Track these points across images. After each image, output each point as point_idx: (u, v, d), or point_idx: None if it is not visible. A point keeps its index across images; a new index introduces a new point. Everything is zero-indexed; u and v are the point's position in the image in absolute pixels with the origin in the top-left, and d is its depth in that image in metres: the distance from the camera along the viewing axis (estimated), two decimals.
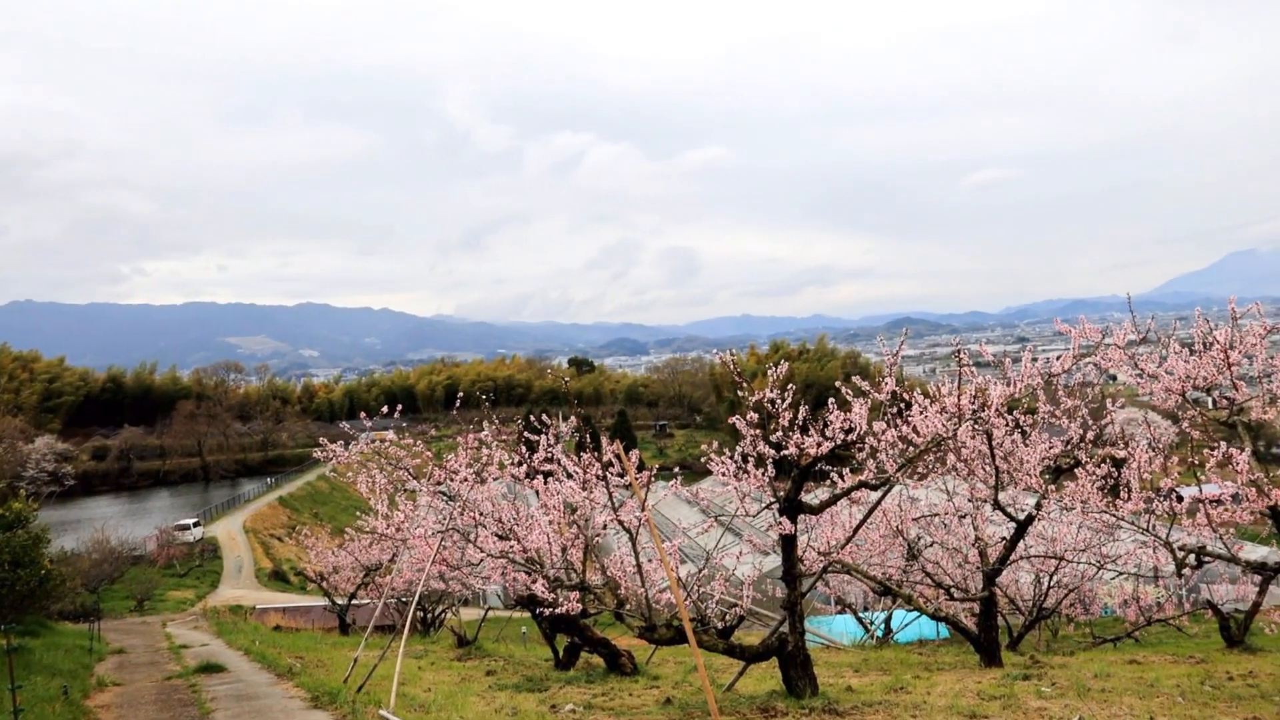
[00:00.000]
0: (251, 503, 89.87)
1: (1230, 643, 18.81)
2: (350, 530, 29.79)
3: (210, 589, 54.26)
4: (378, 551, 27.60)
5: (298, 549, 61.00)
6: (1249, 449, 10.86)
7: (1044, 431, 14.16)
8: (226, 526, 74.79)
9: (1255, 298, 12.81)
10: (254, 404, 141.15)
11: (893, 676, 12.99)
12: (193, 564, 60.57)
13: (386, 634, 20.50)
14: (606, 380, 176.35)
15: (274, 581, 58.65)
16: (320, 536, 40.24)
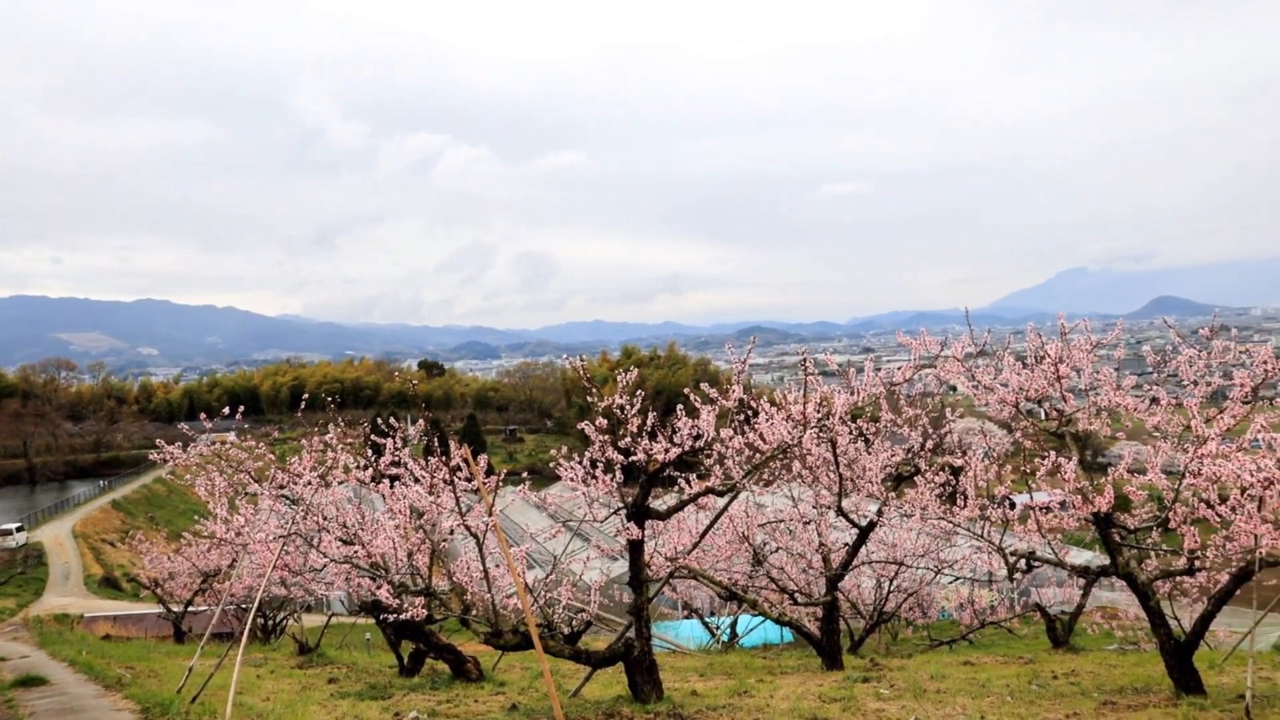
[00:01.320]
0: (82, 506, 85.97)
1: (1056, 643, 19.60)
2: (188, 535, 28.84)
3: (34, 597, 51.68)
4: (216, 557, 26.80)
5: (131, 554, 58.73)
6: (1076, 458, 11.31)
7: (886, 440, 14.52)
8: (54, 531, 71.43)
9: (1084, 314, 13.35)
10: (87, 403, 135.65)
11: (737, 680, 13.15)
12: (14, 571, 57.55)
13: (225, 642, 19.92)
14: (457, 384, 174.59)
15: (105, 589, 56.28)
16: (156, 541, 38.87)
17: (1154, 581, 11.23)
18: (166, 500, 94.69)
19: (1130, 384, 11.89)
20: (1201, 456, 10.03)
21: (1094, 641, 23.47)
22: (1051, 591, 26.94)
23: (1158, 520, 11.18)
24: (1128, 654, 18.67)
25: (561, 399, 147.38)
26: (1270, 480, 9.22)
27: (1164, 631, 10.84)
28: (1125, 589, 11.96)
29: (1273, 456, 9.27)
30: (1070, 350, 11.82)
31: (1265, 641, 23.23)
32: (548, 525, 13.24)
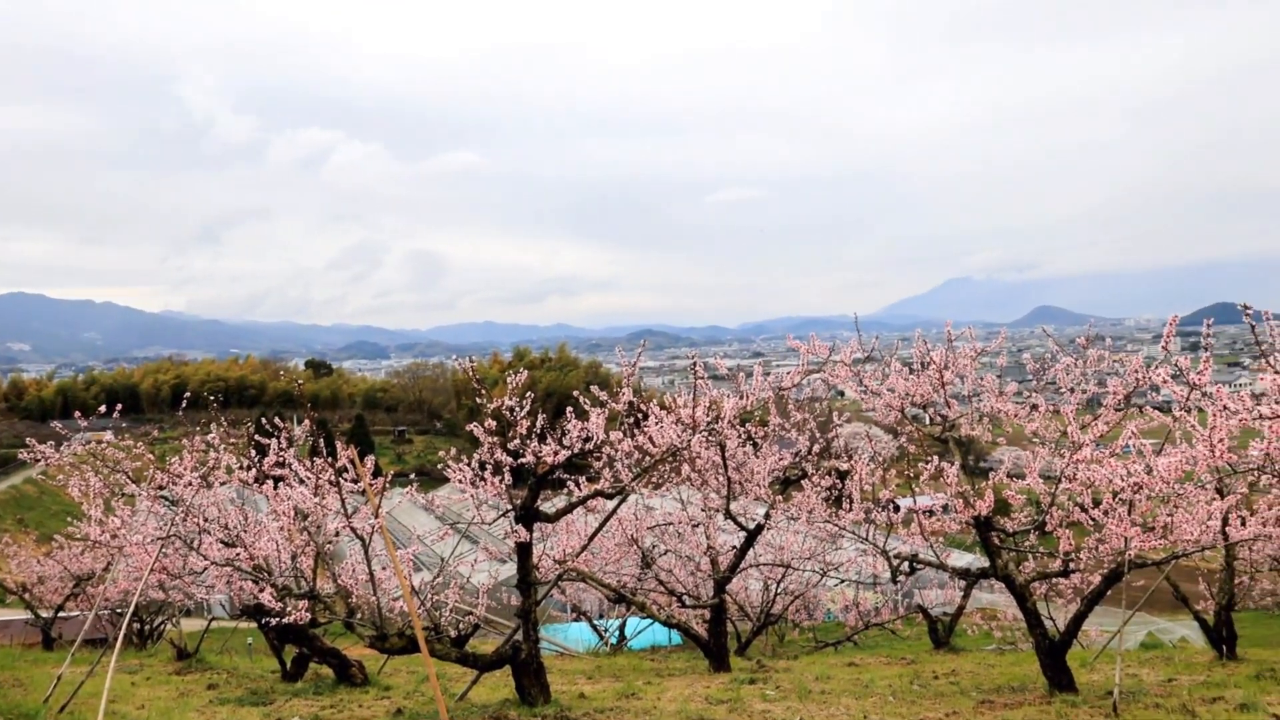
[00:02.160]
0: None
1: (938, 644, 20.02)
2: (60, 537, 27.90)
3: None
4: (90, 560, 25.94)
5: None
6: (958, 463, 11.56)
7: (774, 443, 14.67)
8: None
9: (969, 321, 13.69)
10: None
11: (625, 683, 13.17)
12: None
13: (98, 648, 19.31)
14: (345, 384, 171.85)
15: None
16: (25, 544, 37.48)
17: (1031, 583, 11.53)
18: (37, 501, 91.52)
19: (1011, 390, 12.20)
20: (1077, 462, 10.33)
21: (974, 642, 24.05)
22: (934, 593, 27.50)
23: (1035, 523, 11.48)
24: (1006, 654, 19.16)
25: (452, 400, 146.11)
26: (1140, 485, 9.53)
27: (1040, 632, 11.14)
28: (1004, 591, 12.25)
29: (1142, 462, 9.59)
30: (955, 357, 12.09)
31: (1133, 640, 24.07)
32: (436, 527, 13.12)
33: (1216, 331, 8.84)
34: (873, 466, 13.06)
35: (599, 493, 11.78)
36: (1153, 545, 10.29)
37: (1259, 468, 8.40)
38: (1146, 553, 10.40)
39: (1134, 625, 24.41)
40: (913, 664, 15.87)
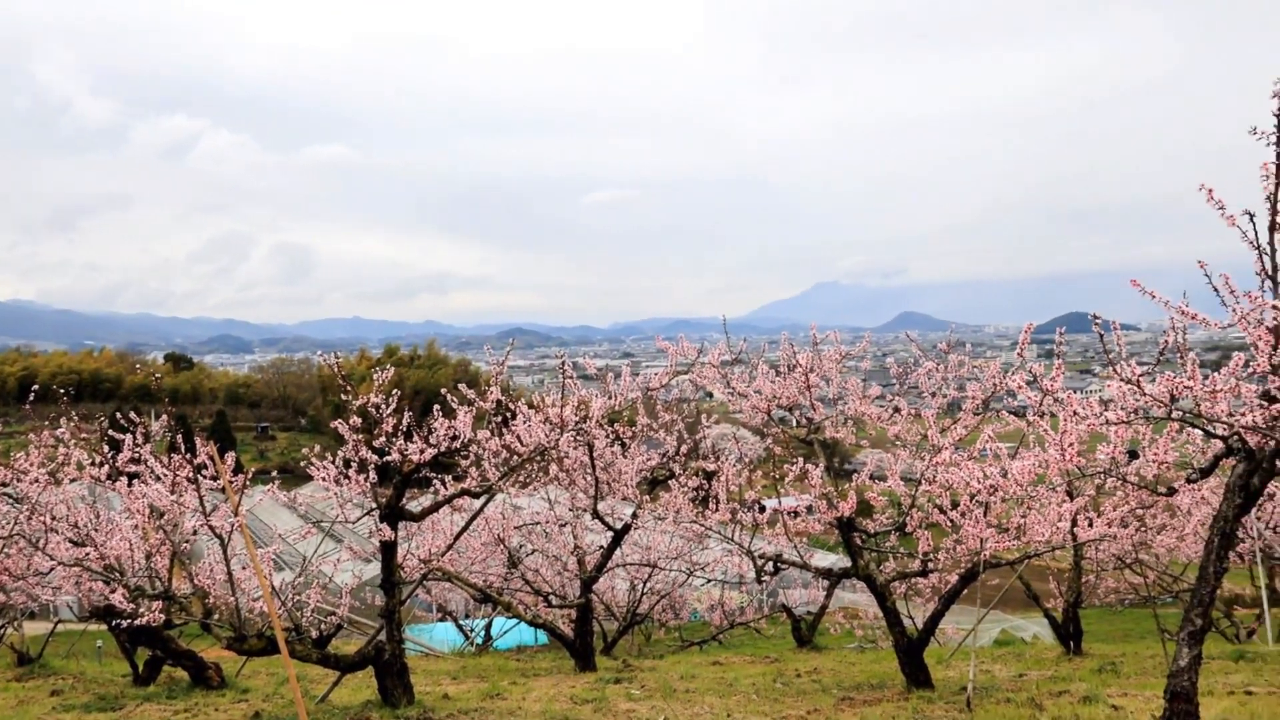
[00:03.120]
0: None
1: (801, 642, 20.34)
2: None
3: None
4: None
5: None
6: (823, 464, 11.75)
7: (642, 444, 14.73)
8: None
9: (836, 326, 13.93)
10: None
11: (490, 683, 13.07)
12: None
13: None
14: (206, 378, 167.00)
15: None
16: None
17: (891, 583, 11.77)
18: None
19: (875, 394, 12.45)
20: (936, 464, 10.59)
21: (836, 640, 24.49)
22: (797, 593, 27.94)
23: (896, 525, 11.73)
24: (866, 652, 19.56)
25: (317, 397, 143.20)
26: (995, 487, 9.80)
27: (899, 630, 11.38)
28: (865, 590, 12.49)
29: (998, 465, 9.87)
30: (821, 360, 12.28)
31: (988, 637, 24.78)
32: (298, 526, 12.82)
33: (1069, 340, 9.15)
34: (739, 467, 13.20)
35: (465, 491, 11.66)
36: (1007, 545, 10.61)
37: (1105, 471, 8.71)
38: (1001, 553, 10.71)
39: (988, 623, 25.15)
40: (776, 662, 16.07)
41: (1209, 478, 8.34)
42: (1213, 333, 7.04)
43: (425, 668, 15.84)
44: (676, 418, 14.61)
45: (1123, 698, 10.26)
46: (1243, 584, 26.80)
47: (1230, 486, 7.01)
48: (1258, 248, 6.28)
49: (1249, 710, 9.24)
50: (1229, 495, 6.99)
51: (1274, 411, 6.58)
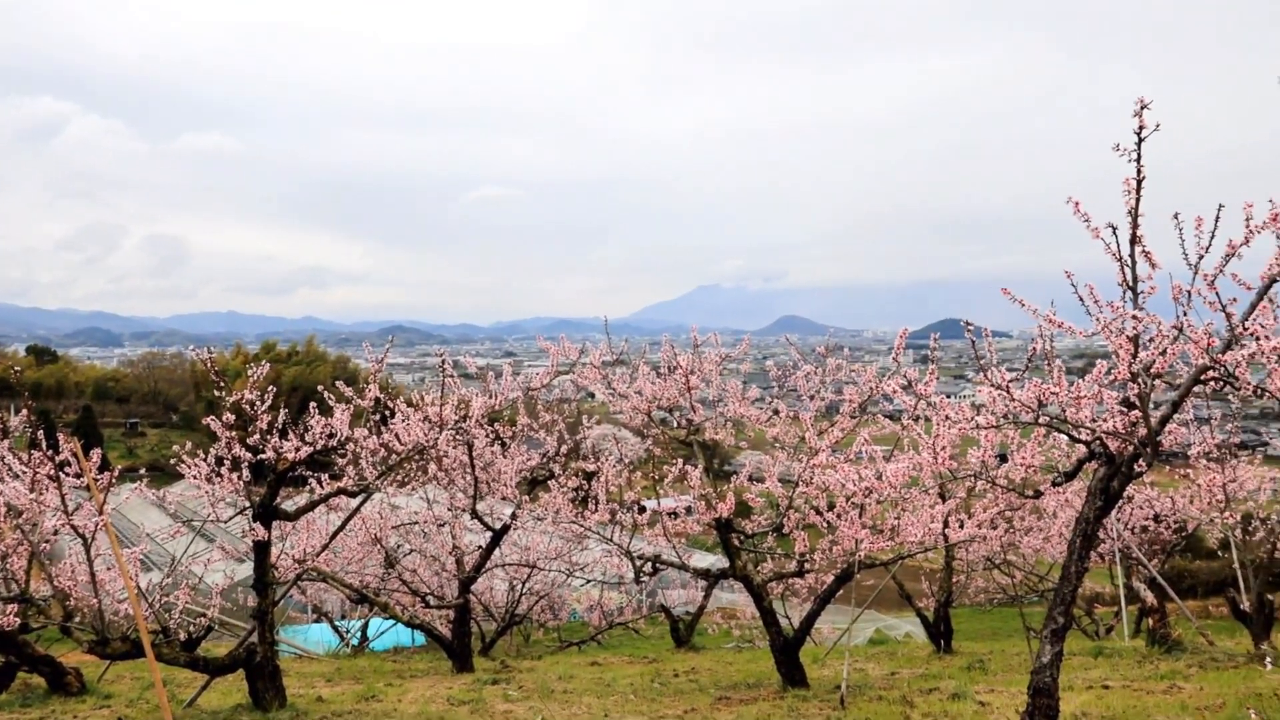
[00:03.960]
0: None
1: (679, 642, 20.45)
2: None
3: None
4: None
5: None
6: (702, 466, 11.83)
7: (522, 444, 14.67)
8: None
9: (717, 328, 14.04)
10: None
11: (365, 685, 12.88)
12: None
13: None
14: (72, 372, 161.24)
15: None
16: None
17: (768, 583, 11.91)
18: None
19: (754, 396, 12.58)
20: (813, 466, 10.75)
21: (714, 640, 24.70)
22: (676, 593, 28.10)
23: (773, 526, 11.87)
24: (744, 651, 19.75)
25: (190, 392, 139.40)
26: (870, 489, 9.98)
27: (775, 630, 11.51)
28: (743, 590, 12.62)
29: (873, 468, 10.05)
30: (701, 362, 12.37)
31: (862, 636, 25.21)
32: (168, 525, 12.49)
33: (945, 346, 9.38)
34: (619, 468, 13.21)
35: (342, 490, 11.47)
36: (881, 546, 10.81)
37: (976, 474, 8.94)
38: (875, 554, 10.91)
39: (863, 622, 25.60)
40: (654, 662, 16.13)
41: (1073, 481, 8.60)
42: (1079, 341, 7.26)
43: (299, 670, 15.54)
44: (557, 418, 14.59)
45: (990, 694, 10.54)
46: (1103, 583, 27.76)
47: (1092, 490, 7.23)
48: (1120, 259, 6.49)
49: (1105, 703, 9.56)
50: (1090, 498, 7.21)
51: (1133, 418, 6.81)
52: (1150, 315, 6.50)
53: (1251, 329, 6.17)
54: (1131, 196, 6.33)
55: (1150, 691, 10.26)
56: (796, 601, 19.58)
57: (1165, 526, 19.84)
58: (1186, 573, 36.71)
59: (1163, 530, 20.06)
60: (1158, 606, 14.54)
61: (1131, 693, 10.20)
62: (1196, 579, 37.00)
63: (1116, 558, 18.04)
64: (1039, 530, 18.47)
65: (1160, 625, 14.08)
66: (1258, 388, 6.51)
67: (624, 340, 13.09)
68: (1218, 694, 9.76)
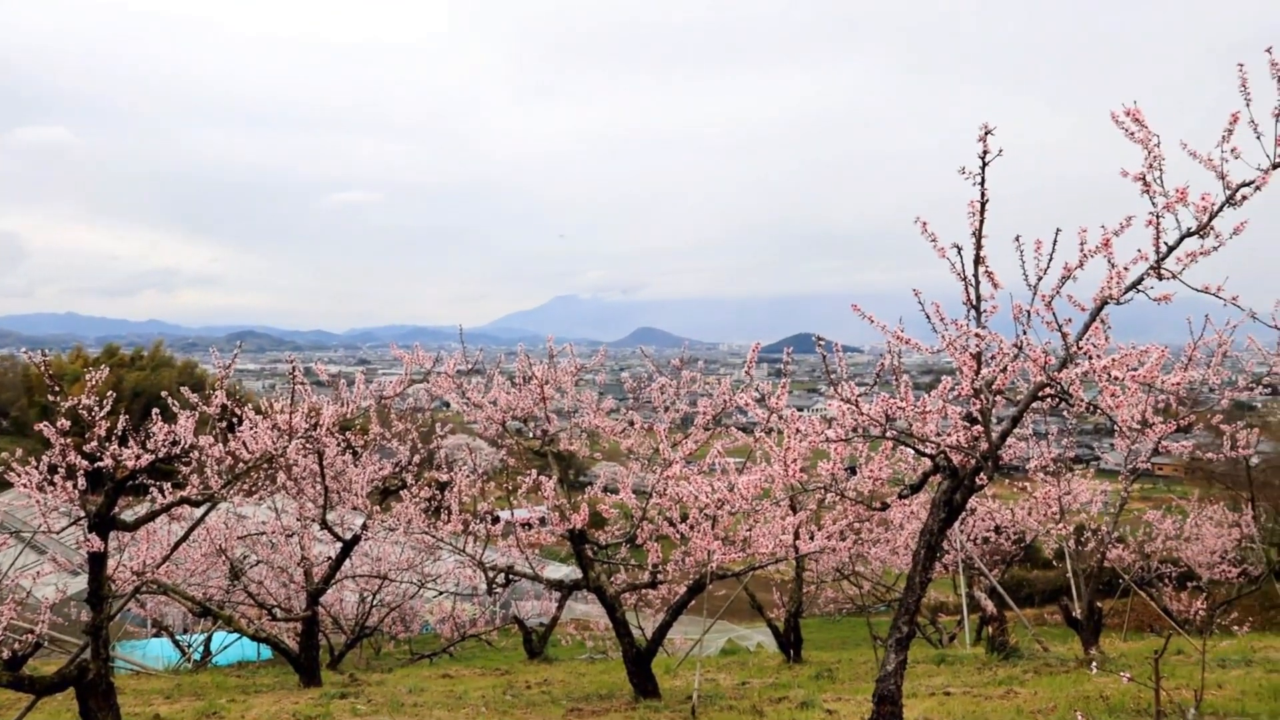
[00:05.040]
0: None
1: (532, 654, 20.34)
2: None
3: None
4: None
5: None
6: (556, 476, 11.80)
7: (375, 453, 14.43)
8: None
9: (574, 339, 14.05)
10: None
11: (206, 701, 12.49)
12: None
13: None
14: None
15: None
16: None
17: (621, 594, 11.93)
18: None
19: (609, 407, 12.62)
20: (667, 478, 10.81)
21: (567, 651, 24.67)
22: (530, 604, 27.97)
23: (627, 536, 11.90)
24: (597, 662, 19.76)
25: (22, 397, 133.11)
26: (723, 501, 10.07)
27: (628, 641, 11.53)
28: (597, 601, 12.61)
29: (726, 479, 10.15)
30: (556, 373, 12.35)
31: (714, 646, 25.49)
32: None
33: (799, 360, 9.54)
34: (473, 478, 13.10)
35: (185, 500, 11.09)
36: (733, 557, 10.93)
37: (826, 486, 9.09)
38: (727, 564, 11.03)
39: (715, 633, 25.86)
40: (507, 674, 16.02)
41: (919, 493, 8.82)
42: (926, 357, 7.45)
43: (136, 687, 14.99)
44: (410, 427, 14.39)
45: (837, 702, 10.73)
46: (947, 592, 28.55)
47: (936, 502, 7.42)
48: (964, 279, 6.69)
49: (947, 709, 9.82)
50: (935, 510, 7.40)
51: (975, 432, 7.02)
52: (992, 333, 6.72)
53: (1085, 348, 6.42)
54: (976, 218, 6.52)
55: (989, 697, 10.57)
56: (650, 612, 19.66)
57: (1005, 537, 20.55)
58: (1024, 582, 38.04)
59: (1003, 541, 20.77)
60: (997, 615, 15.02)
61: (971, 698, 10.50)
62: (1033, 588, 38.35)
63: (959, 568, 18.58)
64: (886, 541, 18.93)
65: (999, 633, 14.54)
66: (1090, 404, 6.78)
67: (479, 349, 12.99)
68: (1050, 698, 10.12)
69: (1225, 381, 11.47)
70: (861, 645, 22.52)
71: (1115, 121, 6.15)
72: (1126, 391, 6.71)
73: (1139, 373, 6.24)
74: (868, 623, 16.01)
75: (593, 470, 27.25)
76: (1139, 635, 21.61)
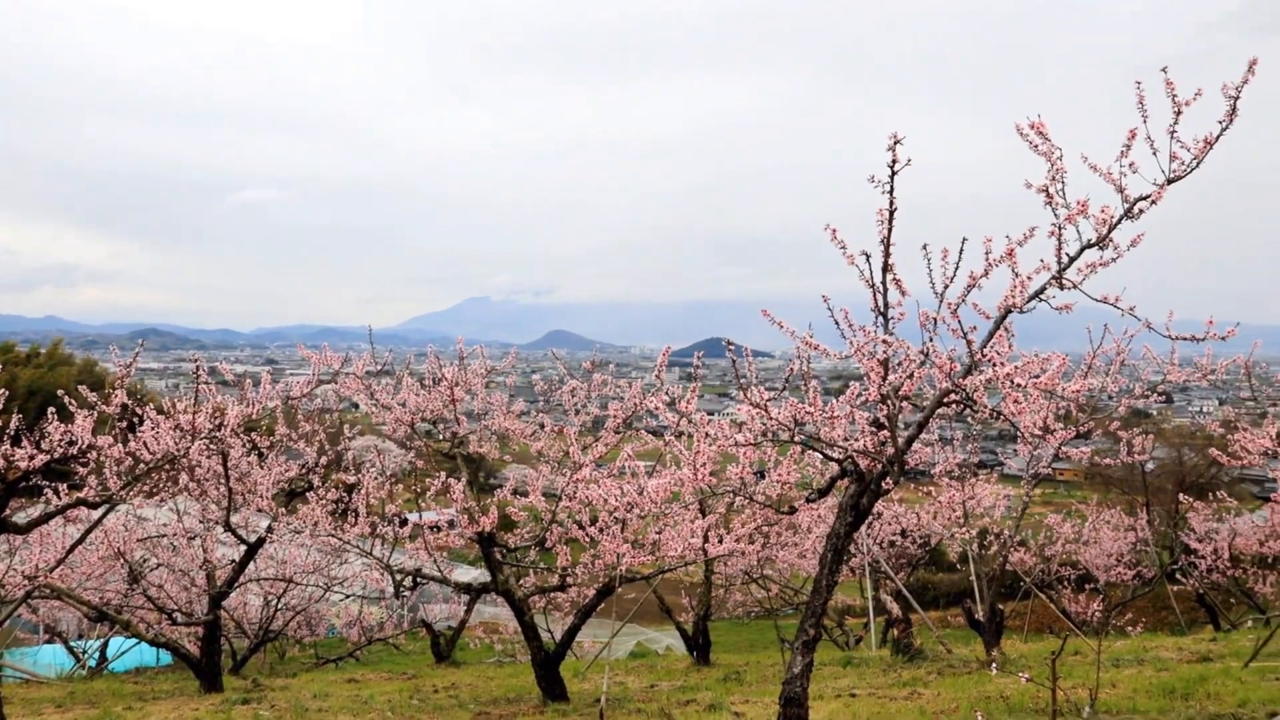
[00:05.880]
0: None
1: (440, 658, 20.21)
2: None
3: None
4: None
5: None
6: (466, 479, 11.74)
7: (281, 454, 14.21)
8: None
9: (485, 341, 13.98)
10: None
11: (101, 709, 12.19)
12: None
13: None
14: None
15: None
16: None
17: (530, 597, 11.90)
18: None
19: (519, 410, 12.57)
20: (577, 481, 10.80)
21: (476, 655, 24.51)
22: (438, 608, 27.74)
23: (536, 540, 11.88)
24: (505, 666, 19.68)
25: None
26: (633, 504, 10.10)
27: (536, 644, 11.51)
28: (506, 604, 12.56)
29: (636, 483, 10.17)
30: (466, 374, 12.28)
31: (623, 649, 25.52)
32: None
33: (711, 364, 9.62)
34: (381, 480, 12.97)
35: (82, 501, 10.83)
36: (642, 560, 10.97)
37: (735, 490, 9.16)
38: (637, 567, 11.06)
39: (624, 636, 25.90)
40: (414, 679, 15.90)
41: (826, 497, 8.91)
42: (836, 363, 7.54)
43: (25, 696, 14.57)
44: (318, 428, 14.19)
45: (744, 704, 10.81)
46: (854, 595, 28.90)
47: (843, 506, 7.50)
48: (872, 286, 6.77)
49: (852, 711, 9.95)
50: (841, 514, 7.48)
51: (882, 437, 7.11)
52: (899, 340, 6.81)
53: (989, 355, 6.55)
54: (884, 226, 6.61)
55: (894, 698, 10.73)
56: (559, 615, 19.60)
57: (911, 541, 20.90)
58: (930, 585, 38.66)
59: (909, 545, 21.12)
60: (902, 617, 15.25)
61: (876, 700, 10.65)
62: (938, 590, 38.97)
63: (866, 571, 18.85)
64: (794, 545, 19.10)
65: (904, 635, 14.77)
66: (994, 410, 6.92)
67: (389, 350, 12.88)
68: (953, 698, 10.31)
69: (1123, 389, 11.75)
70: (769, 648, 22.73)
71: (1020, 134, 6.28)
72: (1029, 398, 6.85)
73: (1041, 380, 6.37)
74: (775, 625, 16.14)
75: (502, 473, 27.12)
76: (1039, 636, 22.07)
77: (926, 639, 16.14)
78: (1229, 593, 22.40)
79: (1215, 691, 9.42)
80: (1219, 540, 19.77)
